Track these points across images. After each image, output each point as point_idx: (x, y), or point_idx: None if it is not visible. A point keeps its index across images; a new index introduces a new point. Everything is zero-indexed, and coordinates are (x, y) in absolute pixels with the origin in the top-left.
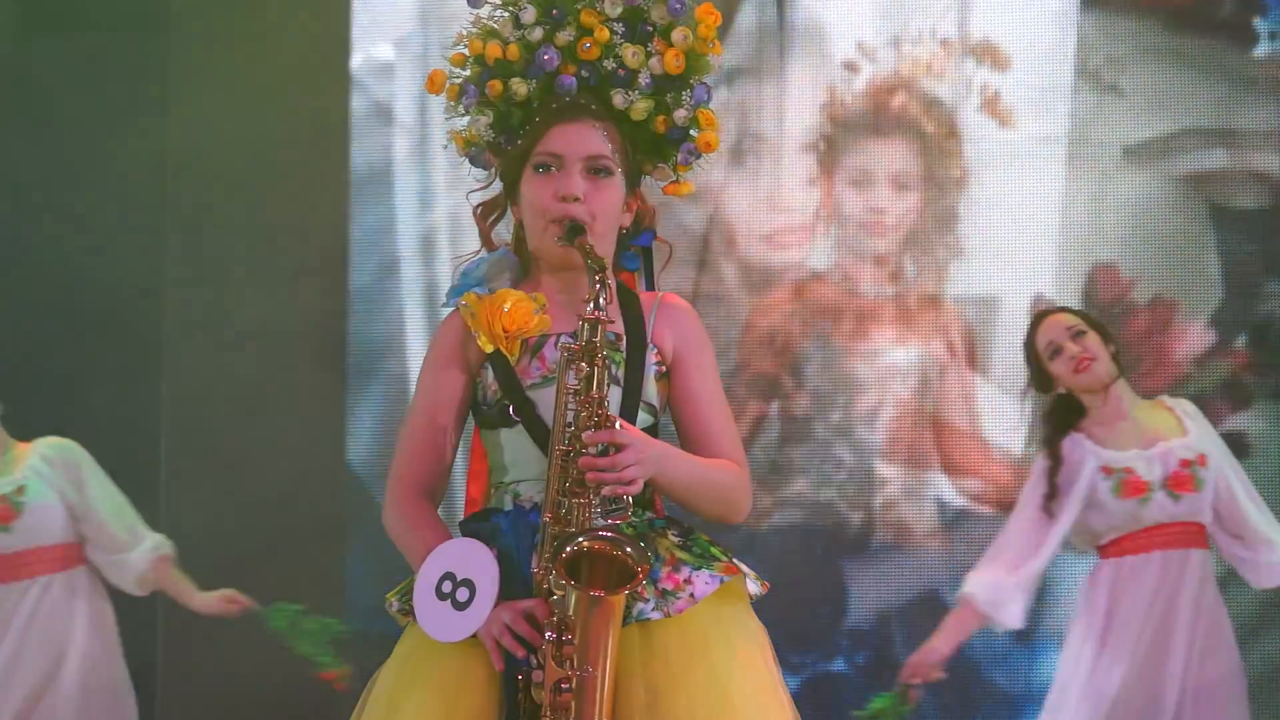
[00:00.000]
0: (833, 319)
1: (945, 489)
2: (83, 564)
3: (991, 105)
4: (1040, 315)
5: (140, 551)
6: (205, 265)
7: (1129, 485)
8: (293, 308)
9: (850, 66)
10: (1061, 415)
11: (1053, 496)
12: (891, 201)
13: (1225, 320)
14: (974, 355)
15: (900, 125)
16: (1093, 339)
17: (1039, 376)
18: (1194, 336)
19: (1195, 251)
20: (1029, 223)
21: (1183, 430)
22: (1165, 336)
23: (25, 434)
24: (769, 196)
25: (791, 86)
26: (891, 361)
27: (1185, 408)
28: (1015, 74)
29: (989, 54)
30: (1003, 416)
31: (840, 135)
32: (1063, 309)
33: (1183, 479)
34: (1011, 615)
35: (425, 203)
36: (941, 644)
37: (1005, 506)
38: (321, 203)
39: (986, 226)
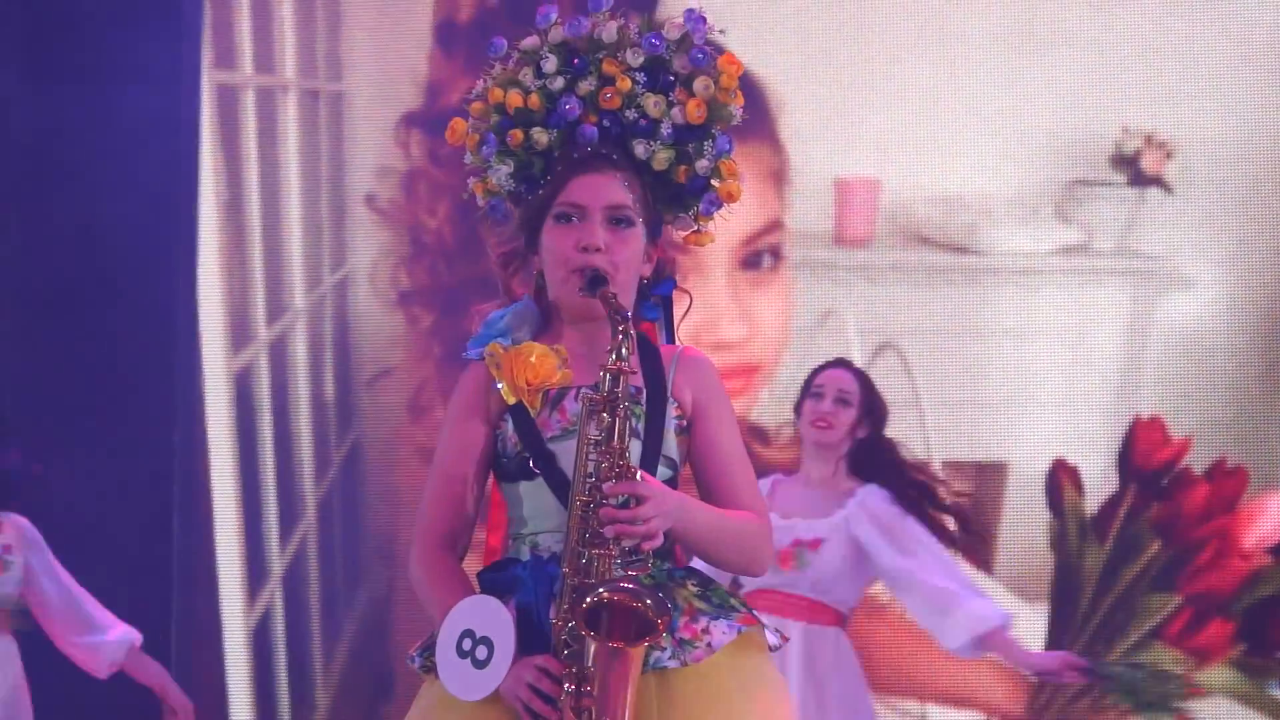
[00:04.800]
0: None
1: None
2: None
3: (997, 204)
4: (836, 363)
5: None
6: None
7: None
8: None
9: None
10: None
11: None
12: (861, 336)
13: None
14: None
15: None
16: (848, 415)
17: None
18: (1272, 516)
19: (1271, 401)
20: (1046, 361)
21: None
22: (1232, 517)
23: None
24: (697, 327)
25: None
26: None
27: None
28: (1035, 163)
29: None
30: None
31: (795, 246)
32: (852, 368)
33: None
34: None
35: None
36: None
37: None
38: None
39: (990, 365)
